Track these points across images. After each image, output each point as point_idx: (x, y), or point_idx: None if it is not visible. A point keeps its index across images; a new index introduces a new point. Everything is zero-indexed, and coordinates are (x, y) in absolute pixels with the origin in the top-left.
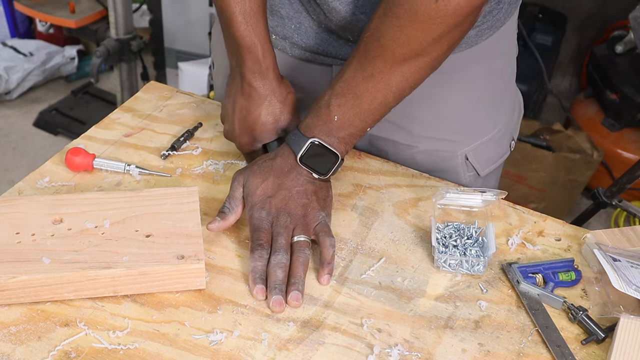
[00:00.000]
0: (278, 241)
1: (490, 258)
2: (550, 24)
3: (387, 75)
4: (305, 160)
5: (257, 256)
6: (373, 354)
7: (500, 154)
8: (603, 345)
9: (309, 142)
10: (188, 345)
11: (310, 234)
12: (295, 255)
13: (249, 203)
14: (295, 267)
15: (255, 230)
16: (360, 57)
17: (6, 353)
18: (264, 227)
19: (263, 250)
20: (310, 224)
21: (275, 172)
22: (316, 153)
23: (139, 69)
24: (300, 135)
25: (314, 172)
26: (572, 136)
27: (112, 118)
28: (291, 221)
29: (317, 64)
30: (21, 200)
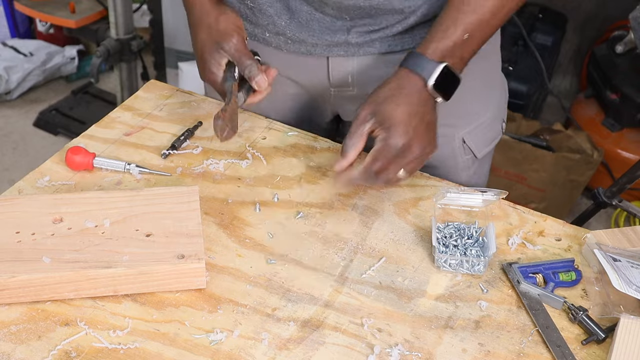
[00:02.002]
0: (390, 173)
1: (490, 258)
2: (550, 24)
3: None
4: (435, 86)
5: (365, 178)
6: (373, 354)
7: (494, 136)
8: (603, 346)
9: (441, 68)
10: (188, 344)
11: (413, 170)
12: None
13: (385, 125)
14: None
15: (384, 155)
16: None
17: (6, 352)
18: (393, 155)
19: (374, 177)
20: (421, 160)
21: (406, 99)
22: (444, 79)
23: (139, 69)
24: (427, 60)
25: (442, 98)
26: (572, 136)
27: (112, 117)
28: (415, 157)
29: (314, 57)
30: (21, 200)
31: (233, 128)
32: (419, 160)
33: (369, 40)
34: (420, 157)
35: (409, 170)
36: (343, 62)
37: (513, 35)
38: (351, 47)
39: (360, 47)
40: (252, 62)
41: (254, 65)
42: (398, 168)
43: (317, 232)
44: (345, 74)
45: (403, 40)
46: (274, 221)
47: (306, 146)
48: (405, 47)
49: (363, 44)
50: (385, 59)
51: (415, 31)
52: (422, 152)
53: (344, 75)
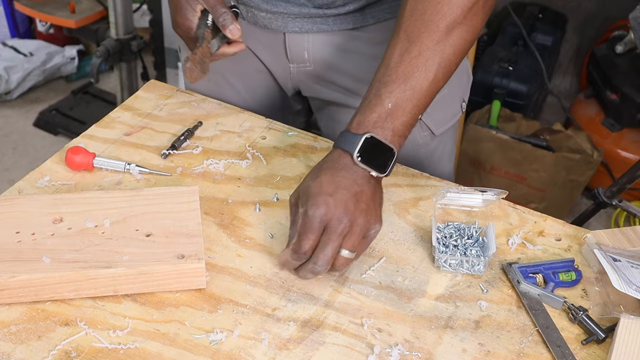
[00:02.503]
0: (325, 251)
1: (490, 258)
2: (550, 24)
3: (434, 50)
4: (362, 158)
5: (296, 258)
6: (373, 354)
7: (452, 113)
8: (603, 346)
9: (364, 139)
10: (188, 344)
11: (356, 248)
12: (332, 269)
13: (303, 199)
14: None
15: (305, 230)
16: (403, 41)
17: (6, 352)
18: (315, 228)
19: (304, 256)
20: (361, 236)
21: (328, 171)
22: (371, 150)
23: (139, 69)
24: (352, 134)
25: (373, 170)
26: (572, 136)
27: (112, 117)
28: (344, 228)
29: (272, 32)
30: (21, 200)
31: (202, 70)
32: (358, 235)
33: (323, 15)
34: (358, 232)
35: (350, 248)
36: (298, 38)
37: (513, 35)
38: (305, 24)
39: (314, 24)
40: (226, 11)
41: (229, 14)
42: (333, 245)
43: None
44: (301, 50)
45: (355, 19)
46: (274, 221)
47: (306, 146)
48: (357, 25)
49: (317, 21)
50: (338, 36)
51: (365, 11)
52: (356, 226)
53: (300, 51)
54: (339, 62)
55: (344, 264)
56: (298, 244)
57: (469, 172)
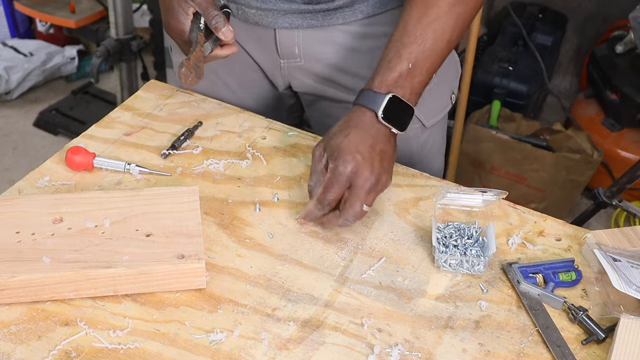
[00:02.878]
0: (355, 207)
1: (490, 258)
2: (550, 24)
3: (450, 13)
4: (386, 116)
5: (320, 208)
6: (373, 354)
7: (442, 105)
8: (603, 346)
9: (388, 98)
10: (188, 344)
11: (372, 203)
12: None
13: (332, 154)
14: None
15: (333, 183)
16: (419, 6)
17: (6, 352)
18: (343, 183)
19: (329, 207)
20: (379, 192)
21: (355, 129)
22: (395, 109)
23: (139, 69)
24: (374, 93)
25: (395, 128)
26: (572, 136)
27: (112, 117)
28: (371, 186)
29: (262, 28)
30: (21, 200)
31: (197, 75)
32: (378, 191)
33: (312, 11)
34: (378, 189)
35: (369, 203)
36: (289, 33)
37: (513, 35)
38: (295, 20)
39: (304, 19)
40: (219, 13)
41: (221, 17)
42: (361, 201)
43: (317, 232)
44: (291, 45)
45: (344, 14)
46: (274, 221)
47: (306, 146)
48: (346, 20)
49: (307, 16)
50: (328, 31)
51: (354, 6)
52: (376, 180)
53: (290, 46)
54: (329, 57)
55: (359, 217)
56: (324, 195)
57: (469, 172)
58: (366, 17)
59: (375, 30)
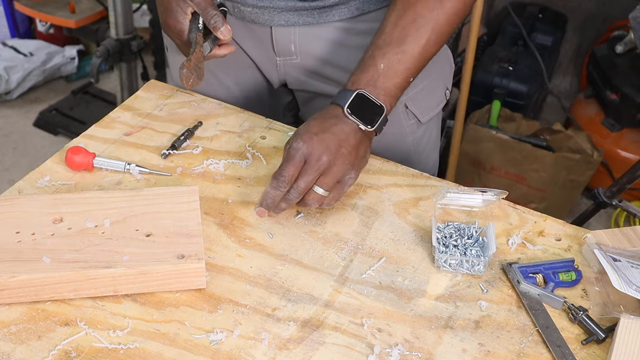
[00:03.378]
0: (300, 182)
1: (490, 258)
2: (550, 24)
3: (428, 18)
4: (352, 111)
5: (276, 186)
6: (373, 354)
7: (437, 101)
8: (603, 346)
9: (355, 94)
10: (188, 344)
11: (330, 188)
12: (302, 202)
13: (292, 138)
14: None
15: (287, 160)
16: (399, 8)
17: (6, 352)
18: (297, 159)
19: (285, 183)
20: (336, 178)
21: (318, 119)
22: (362, 105)
23: (139, 69)
24: (346, 90)
25: (361, 123)
26: (572, 136)
27: (112, 117)
28: (322, 164)
29: (259, 26)
30: (21, 200)
31: (199, 76)
32: (333, 176)
33: (308, 8)
34: (334, 172)
35: (324, 187)
36: (285, 31)
37: (513, 35)
38: (291, 17)
39: (300, 17)
40: (217, 13)
41: (220, 16)
42: (308, 178)
43: (317, 232)
44: (288, 43)
45: (340, 11)
46: (274, 221)
47: None
48: (342, 17)
49: (303, 14)
50: (324, 28)
51: (350, 3)
52: (334, 167)
53: (287, 44)
54: (325, 54)
55: (314, 200)
56: (279, 171)
57: (469, 172)
58: (362, 13)
59: (371, 26)
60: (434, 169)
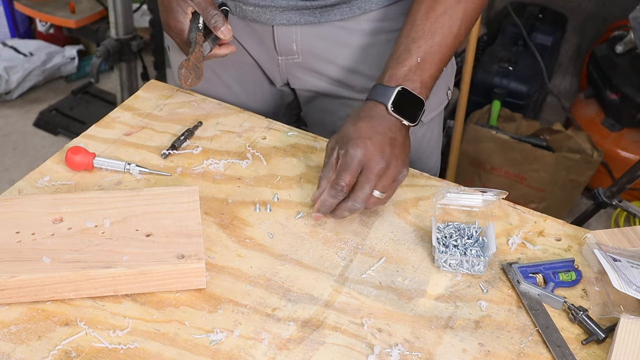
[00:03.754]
0: (365, 189)
1: (490, 258)
2: (550, 24)
3: (457, 7)
4: (395, 108)
5: (334, 195)
6: (373, 354)
7: (439, 101)
8: (603, 346)
9: (397, 91)
10: (188, 344)
11: (386, 190)
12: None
13: (342, 142)
14: None
15: (345, 168)
16: (427, 1)
17: (6, 352)
18: (354, 167)
19: (343, 192)
20: (392, 179)
21: (365, 119)
22: (403, 102)
23: (139, 69)
24: (384, 87)
25: (405, 119)
26: (572, 136)
27: (112, 117)
28: (381, 169)
29: (260, 25)
30: (21, 200)
31: (197, 76)
32: (390, 177)
33: (310, 7)
34: (390, 174)
35: (382, 189)
36: (287, 30)
37: (513, 35)
38: (293, 16)
39: (302, 16)
40: (218, 12)
41: (220, 16)
42: (371, 184)
43: (317, 232)
44: (289, 42)
45: (342, 10)
46: (274, 221)
47: (306, 146)
48: (344, 17)
49: (304, 13)
50: (326, 27)
51: (352, 2)
52: (390, 169)
53: (288, 43)
54: (327, 53)
55: (375, 203)
56: (337, 180)
57: (469, 172)
58: (364, 13)
59: (373, 26)
60: (435, 168)
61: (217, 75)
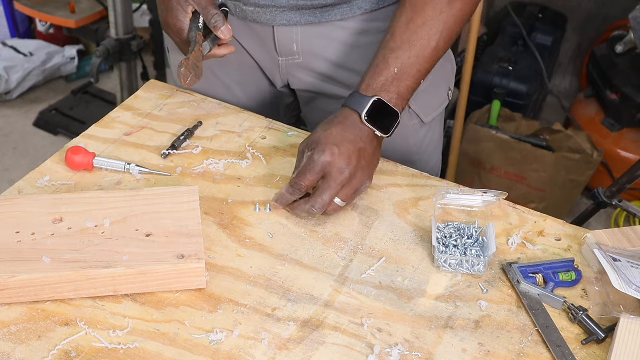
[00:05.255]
0: (324, 196)
1: (490, 258)
2: (550, 24)
3: (437, 20)
4: (369, 119)
5: (292, 192)
6: (373, 354)
7: (440, 101)
8: (603, 346)
9: (372, 101)
10: (188, 344)
11: (347, 199)
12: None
13: (311, 146)
14: None
15: (307, 169)
16: (408, 12)
17: (6, 352)
18: (317, 170)
19: (300, 192)
20: (354, 189)
21: (337, 125)
22: (378, 112)
23: (139, 69)
24: (361, 96)
25: (378, 131)
26: (572, 136)
27: (112, 117)
28: (344, 179)
29: (261, 26)
30: (21, 200)
31: (197, 75)
32: (352, 187)
33: (310, 7)
34: (353, 184)
35: (343, 198)
36: (287, 31)
37: (513, 35)
38: (294, 16)
39: (303, 16)
40: (218, 12)
41: (220, 16)
42: (332, 192)
43: (317, 232)
44: (290, 42)
45: (342, 10)
46: (274, 221)
47: None
48: (344, 17)
49: (305, 13)
50: (326, 27)
51: (352, 2)
52: (354, 180)
53: (289, 43)
54: (327, 53)
55: (334, 210)
56: (297, 179)
57: (469, 172)
58: (365, 13)
59: (374, 26)
60: (436, 169)
61: (217, 76)
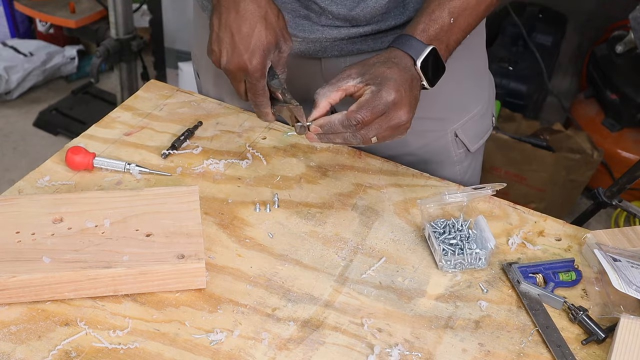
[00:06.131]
0: (369, 133)
1: (490, 250)
2: (550, 24)
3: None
4: (422, 67)
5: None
6: (373, 354)
7: (485, 129)
8: (603, 346)
9: (429, 50)
10: (188, 344)
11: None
12: None
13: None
14: None
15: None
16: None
17: (6, 352)
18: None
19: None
20: (398, 134)
21: (398, 66)
22: (430, 61)
23: (139, 69)
24: (417, 41)
25: (426, 80)
26: (572, 136)
27: (112, 117)
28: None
29: (307, 60)
30: (21, 200)
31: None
32: (396, 133)
33: (362, 34)
34: (399, 131)
35: (381, 137)
36: (336, 62)
37: (513, 35)
38: (345, 46)
39: (354, 45)
40: (299, 105)
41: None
42: (379, 131)
43: (317, 232)
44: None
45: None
46: (274, 221)
47: (306, 146)
48: None
49: (356, 41)
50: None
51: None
52: (406, 121)
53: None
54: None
55: (366, 144)
56: (357, 113)
57: None
58: None
59: None
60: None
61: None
